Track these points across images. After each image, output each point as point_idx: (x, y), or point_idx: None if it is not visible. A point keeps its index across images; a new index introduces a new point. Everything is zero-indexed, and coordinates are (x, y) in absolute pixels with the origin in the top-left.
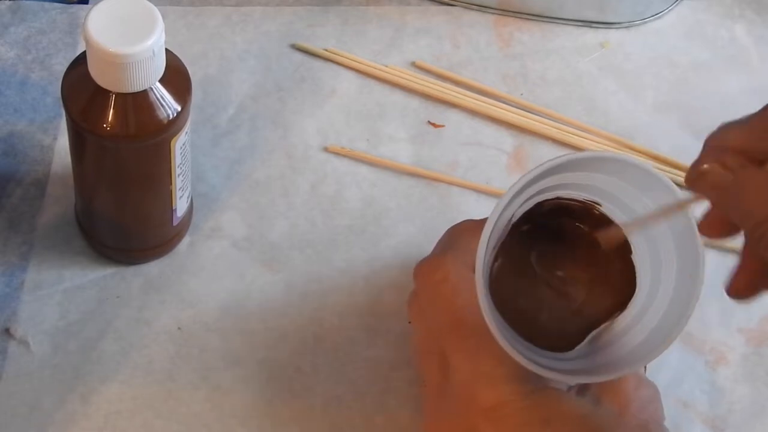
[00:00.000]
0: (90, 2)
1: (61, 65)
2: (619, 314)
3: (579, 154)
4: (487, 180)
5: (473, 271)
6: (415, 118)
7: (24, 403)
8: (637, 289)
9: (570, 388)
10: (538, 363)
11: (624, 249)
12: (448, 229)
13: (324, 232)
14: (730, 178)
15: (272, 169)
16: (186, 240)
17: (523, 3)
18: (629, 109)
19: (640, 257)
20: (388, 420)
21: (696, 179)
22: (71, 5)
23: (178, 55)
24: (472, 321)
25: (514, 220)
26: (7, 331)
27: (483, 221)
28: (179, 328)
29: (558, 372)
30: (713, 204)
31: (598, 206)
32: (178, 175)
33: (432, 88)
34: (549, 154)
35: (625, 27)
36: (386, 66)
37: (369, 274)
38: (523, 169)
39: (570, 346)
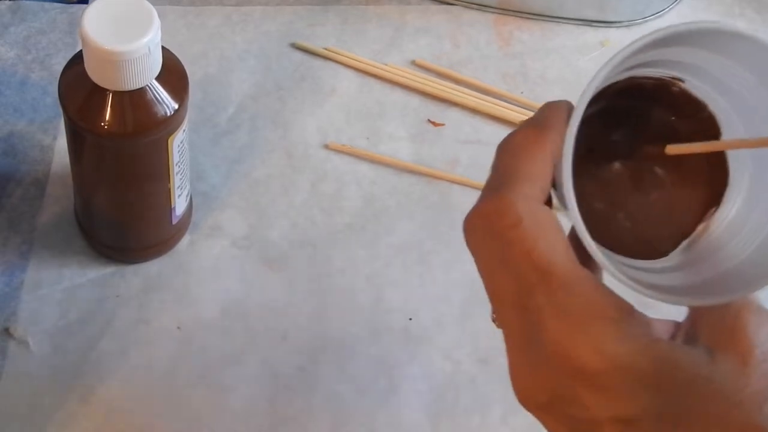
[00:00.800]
0: (90, 2)
1: (60, 65)
2: (715, 211)
3: (692, 25)
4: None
5: (544, 200)
6: (416, 117)
7: (24, 403)
8: (730, 179)
9: (675, 335)
10: (640, 281)
11: (712, 131)
12: (498, 151)
13: (324, 230)
14: None
15: (272, 168)
16: (186, 239)
17: (523, 2)
18: None
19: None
20: (389, 418)
21: None
22: (71, 5)
23: (178, 55)
24: (558, 269)
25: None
26: (6, 330)
27: (539, 126)
28: (179, 328)
29: (665, 293)
30: None
31: (679, 82)
32: (177, 173)
33: (432, 87)
34: None
35: (626, 26)
36: (386, 65)
37: (369, 273)
38: None
39: (657, 253)
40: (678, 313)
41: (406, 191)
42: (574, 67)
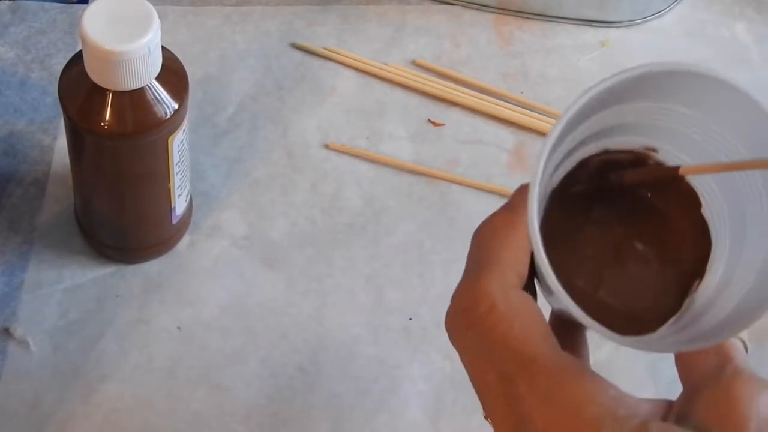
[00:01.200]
0: (90, 2)
1: (60, 65)
2: (698, 284)
3: (636, 71)
4: (488, 178)
5: (520, 285)
6: (416, 117)
7: (24, 403)
8: (713, 250)
9: (667, 415)
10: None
11: (692, 203)
12: (473, 237)
13: (324, 230)
14: None
15: (272, 167)
16: (186, 239)
17: (523, 2)
18: None
19: (713, 210)
20: (390, 418)
21: None
22: (71, 5)
23: (178, 55)
24: (538, 354)
25: (554, 183)
26: (6, 330)
27: (511, 211)
28: (179, 327)
29: (654, 345)
30: None
31: (653, 153)
32: (177, 173)
33: (432, 87)
34: None
35: (626, 26)
36: (386, 64)
37: (369, 273)
38: (523, 167)
39: (643, 329)
40: (670, 391)
41: (406, 191)
42: (574, 66)
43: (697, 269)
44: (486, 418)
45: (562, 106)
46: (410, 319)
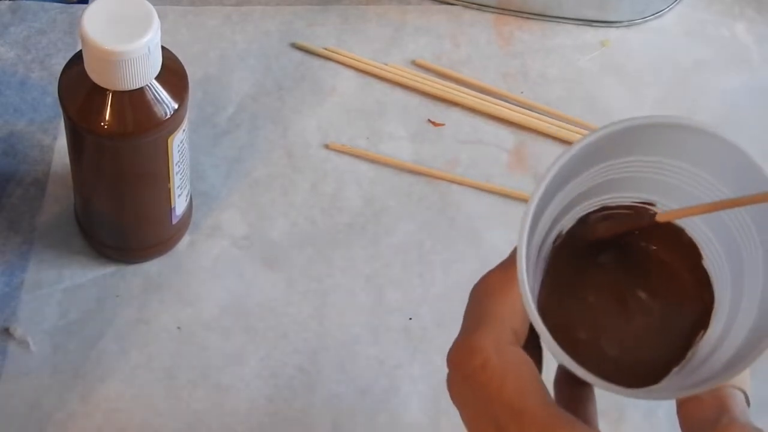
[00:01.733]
0: (90, 2)
1: (60, 65)
2: (703, 335)
3: (614, 127)
4: (488, 178)
5: (516, 341)
6: (416, 117)
7: (24, 403)
8: (716, 304)
9: None
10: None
11: (693, 255)
12: (471, 292)
13: (324, 230)
14: None
15: (272, 167)
16: (186, 239)
17: (523, 2)
18: (630, 108)
19: (713, 261)
20: (390, 418)
21: None
22: (71, 5)
23: (178, 55)
24: (530, 408)
25: (559, 239)
26: (6, 330)
27: (507, 269)
28: (179, 327)
29: (654, 393)
30: None
31: (650, 207)
32: (176, 173)
33: (432, 87)
34: (549, 152)
35: (626, 26)
36: (386, 64)
37: (369, 273)
38: (523, 167)
39: (646, 381)
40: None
41: (406, 191)
42: (574, 66)
43: (701, 320)
44: None
45: (563, 105)
46: (410, 319)
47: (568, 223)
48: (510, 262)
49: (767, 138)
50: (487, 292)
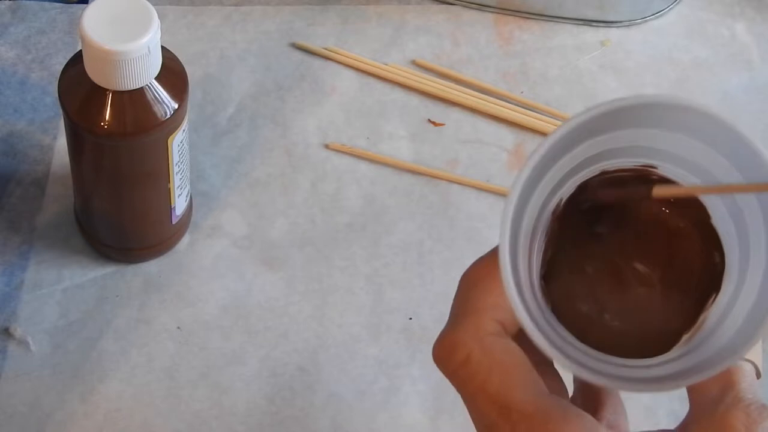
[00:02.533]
0: (90, 2)
1: (60, 65)
2: (714, 300)
3: (623, 102)
4: (488, 177)
5: (503, 331)
6: (416, 116)
7: (24, 403)
8: (727, 265)
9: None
10: (609, 374)
11: (701, 216)
12: (460, 282)
13: (324, 230)
14: None
15: (272, 167)
16: (186, 239)
17: (523, 1)
18: None
19: (721, 222)
20: (389, 418)
21: None
22: (71, 5)
23: (178, 55)
24: (516, 402)
25: (559, 207)
26: (6, 330)
27: (492, 258)
28: (179, 327)
29: (643, 382)
30: None
31: (653, 169)
32: (176, 173)
33: (432, 86)
34: None
35: (626, 25)
36: (386, 64)
37: (369, 272)
38: None
39: (657, 351)
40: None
41: (406, 191)
42: (574, 66)
43: (713, 283)
44: None
45: (563, 105)
46: (410, 318)
47: (567, 191)
48: (494, 250)
49: (767, 138)
50: (472, 283)
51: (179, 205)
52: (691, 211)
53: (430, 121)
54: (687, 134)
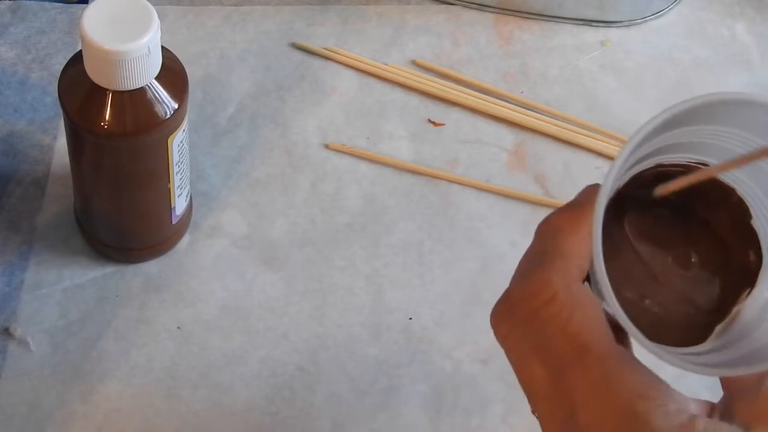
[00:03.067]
0: (90, 2)
1: (60, 65)
2: (748, 294)
3: (699, 100)
4: (488, 177)
5: (582, 279)
6: (416, 116)
7: (24, 403)
8: (764, 260)
9: (711, 414)
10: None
11: (742, 214)
12: (537, 231)
13: (324, 230)
14: None
15: (272, 167)
16: (186, 239)
17: (523, 1)
18: (630, 107)
19: (763, 222)
20: (389, 418)
21: None
22: (71, 5)
23: (178, 55)
24: (594, 346)
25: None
26: (6, 330)
27: (577, 208)
28: (179, 327)
29: (702, 366)
30: None
31: (703, 167)
32: (176, 173)
33: (432, 86)
34: (549, 152)
35: (626, 25)
36: (386, 64)
37: (369, 272)
38: (523, 167)
39: (693, 341)
40: (712, 395)
41: (406, 191)
42: (574, 66)
43: (748, 278)
44: (533, 413)
45: (563, 105)
46: (410, 318)
47: (622, 182)
48: (580, 202)
49: None
50: (557, 229)
51: (179, 205)
52: (734, 210)
53: (430, 121)
54: (744, 129)
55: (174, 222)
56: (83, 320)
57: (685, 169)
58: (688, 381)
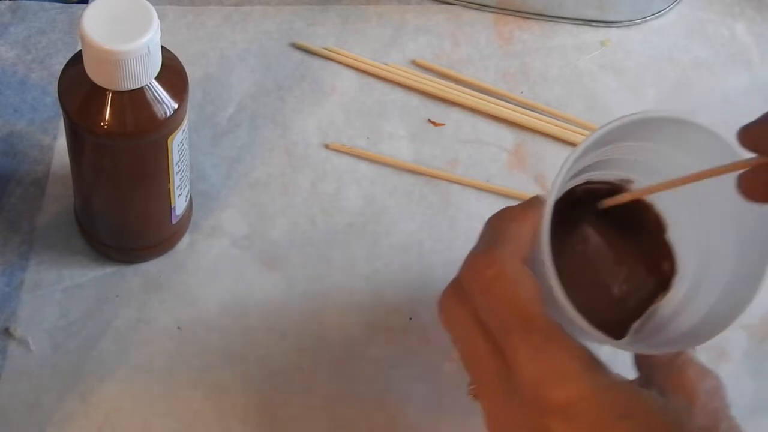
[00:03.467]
0: (90, 2)
1: (60, 65)
2: (663, 296)
3: (628, 118)
4: (488, 177)
5: (528, 261)
6: (416, 116)
7: (24, 403)
8: (678, 269)
9: (635, 380)
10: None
11: (658, 228)
12: (488, 221)
13: (324, 230)
14: None
15: (272, 167)
16: (186, 239)
17: (522, 1)
18: (630, 107)
19: (680, 234)
20: (388, 418)
21: None
22: (71, 5)
23: (178, 55)
24: (535, 315)
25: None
26: (6, 330)
27: (525, 206)
28: (179, 327)
29: (625, 344)
30: None
31: (629, 184)
32: (176, 173)
33: (432, 87)
34: (549, 152)
35: (626, 25)
36: (386, 64)
37: (369, 273)
38: (523, 167)
39: (618, 334)
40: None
41: (406, 191)
42: (574, 66)
43: (664, 283)
44: (471, 394)
45: (563, 105)
46: (410, 319)
47: (560, 192)
48: (527, 202)
49: None
50: (509, 219)
51: (179, 205)
52: (650, 224)
53: (430, 121)
54: (671, 146)
55: (174, 222)
56: (83, 320)
57: (610, 185)
58: None
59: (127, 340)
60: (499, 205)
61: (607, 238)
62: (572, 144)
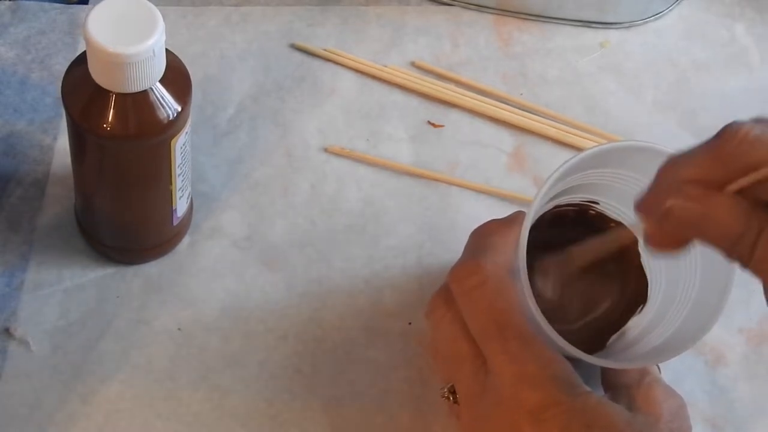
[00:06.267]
0: (90, 2)
1: (60, 65)
2: (632, 318)
3: (596, 149)
4: (487, 180)
5: (509, 272)
6: (415, 118)
7: (24, 403)
8: (649, 293)
9: (604, 395)
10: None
11: (633, 253)
12: (473, 232)
13: (324, 231)
14: (698, 209)
15: (272, 168)
16: (186, 240)
17: (522, 3)
18: (629, 109)
19: (653, 262)
20: (387, 420)
21: (663, 216)
22: (71, 5)
23: (178, 55)
24: (514, 323)
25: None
26: (7, 330)
27: (508, 221)
28: (179, 328)
29: (598, 359)
30: (677, 232)
31: (594, 204)
32: (178, 175)
33: (431, 88)
34: (549, 154)
35: (626, 27)
36: (386, 66)
37: (369, 274)
38: (522, 169)
39: (588, 351)
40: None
41: (405, 193)
42: (573, 68)
43: (637, 304)
44: (443, 396)
45: (562, 107)
46: (410, 324)
47: (536, 215)
48: (509, 218)
49: None
50: (493, 231)
51: (180, 206)
52: (629, 252)
53: (429, 122)
54: (635, 171)
55: (175, 223)
56: (83, 321)
57: (577, 207)
58: (685, 387)
59: (127, 340)
60: (498, 207)
61: (584, 267)
62: (571, 146)
